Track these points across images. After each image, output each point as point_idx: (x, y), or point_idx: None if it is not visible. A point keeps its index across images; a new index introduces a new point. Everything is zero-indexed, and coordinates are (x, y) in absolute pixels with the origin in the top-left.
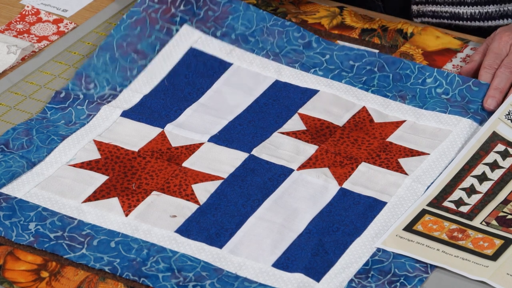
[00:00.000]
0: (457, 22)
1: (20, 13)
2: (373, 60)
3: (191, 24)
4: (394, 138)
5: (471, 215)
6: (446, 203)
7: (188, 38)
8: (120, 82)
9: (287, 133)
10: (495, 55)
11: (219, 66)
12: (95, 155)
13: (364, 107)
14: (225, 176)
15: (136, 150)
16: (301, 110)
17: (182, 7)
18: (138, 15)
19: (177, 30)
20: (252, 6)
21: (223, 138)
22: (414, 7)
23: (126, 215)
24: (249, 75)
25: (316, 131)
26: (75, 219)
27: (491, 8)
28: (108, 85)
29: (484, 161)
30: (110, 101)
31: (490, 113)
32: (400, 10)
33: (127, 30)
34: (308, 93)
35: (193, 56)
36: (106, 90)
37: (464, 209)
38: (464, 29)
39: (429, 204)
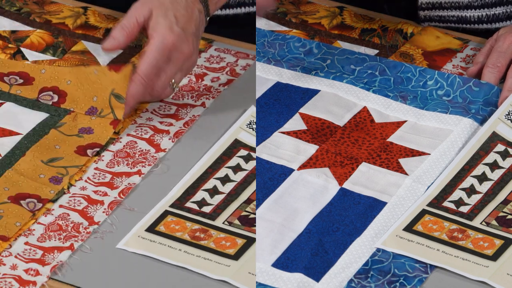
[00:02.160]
0: (464, 25)
1: None
2: (374, 64)
3: None
4: (395, 138)
5: (471, 215)
6: (446, 203)
7: None
8: None
9: (288, 133)
10: (499, 54)
11: None
12: None
13: (365, 107)
14: None
15: None
16: (302, 110)
17: None
18: None
19: None
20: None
21: None
22: (421, 13)
23: None
24: None
25: (317, 130)
26: None
27: (498, 10)
28: None
29: (484, 161)
30: None
31: (491, 113)
32: (406, 13)
33: None
34: (309, 93)
35: None
36: None
37: (464, 209)
38: (471, 32)
39: (429, 204)
